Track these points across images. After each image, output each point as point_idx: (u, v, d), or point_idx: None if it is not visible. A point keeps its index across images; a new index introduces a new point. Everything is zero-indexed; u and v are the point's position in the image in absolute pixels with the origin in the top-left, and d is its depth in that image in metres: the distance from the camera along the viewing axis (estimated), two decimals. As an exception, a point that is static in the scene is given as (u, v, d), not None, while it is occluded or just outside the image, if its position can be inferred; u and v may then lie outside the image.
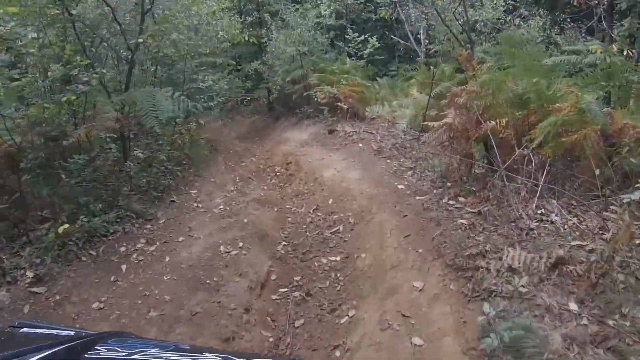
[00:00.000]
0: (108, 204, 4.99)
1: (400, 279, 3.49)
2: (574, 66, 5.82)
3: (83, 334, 1.28)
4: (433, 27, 7.71)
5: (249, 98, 11.10)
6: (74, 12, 4.97)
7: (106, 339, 1.19)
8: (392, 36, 12.08)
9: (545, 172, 3.62)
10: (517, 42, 5.87)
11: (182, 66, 7.54)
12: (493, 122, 3.81)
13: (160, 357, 1.12)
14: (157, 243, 4.43)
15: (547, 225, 3.34)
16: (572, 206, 3.55)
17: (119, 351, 1.11)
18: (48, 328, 1.35)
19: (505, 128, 3.82)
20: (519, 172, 3.91)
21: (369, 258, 4.01)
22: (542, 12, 8.37)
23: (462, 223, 3.72)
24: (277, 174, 8.10)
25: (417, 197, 4.66)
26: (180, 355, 1.17)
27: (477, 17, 7.10)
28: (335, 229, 4.85)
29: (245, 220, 4.92)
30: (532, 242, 3.12)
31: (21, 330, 1.29)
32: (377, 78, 11.20)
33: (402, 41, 11.23)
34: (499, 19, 7.55)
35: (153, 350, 1.15)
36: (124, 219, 4.96)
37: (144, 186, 5.73)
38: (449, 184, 4.93)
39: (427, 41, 8.87)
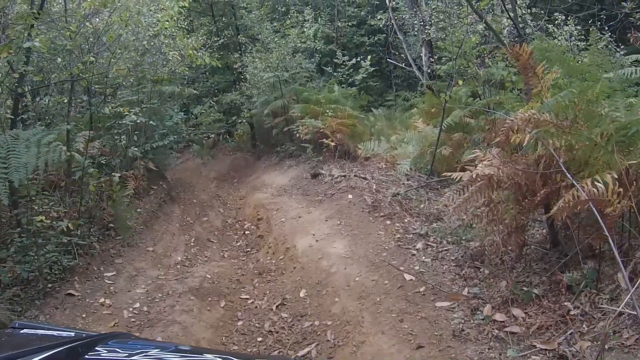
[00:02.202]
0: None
1: None
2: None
3: (84, 335, 1.21)
4: (443, 37, 6.06)
5: (213, 135, 9.49)
6: None
7: (107, 340, 1.14)
8: (389, 59, 10.50)
9: None
10: (554, 51, 4.20)
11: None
12: (599, 184, 1.99)
13: (161, 358, 1.08)
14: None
15: None
16: None
17: (119, 352, 1.08)
18: (48, 329, 1.29)
19: (623, 196, 1.99)
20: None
21: None
22: (569, 20, 6.77)
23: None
24: (246, 232, 6.26)
25: (438, 303, 2.80)
26: (181, 357, 1.14)
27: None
28: (305, 351, 2.97)
29: (159, 340, 3.04)
30: None
31: (21, 331, 1.24)
32: (372, 109, 9.54)
33: (401, 64, 9.61)
34: (524, 27, 5.96)
35: (154, 351, 1.11)
36: (-28, 337, 3.12)
37: (33, 272, 3.89)
38: (486, 271, 3.09)
39: (431, 60, 7.21)
